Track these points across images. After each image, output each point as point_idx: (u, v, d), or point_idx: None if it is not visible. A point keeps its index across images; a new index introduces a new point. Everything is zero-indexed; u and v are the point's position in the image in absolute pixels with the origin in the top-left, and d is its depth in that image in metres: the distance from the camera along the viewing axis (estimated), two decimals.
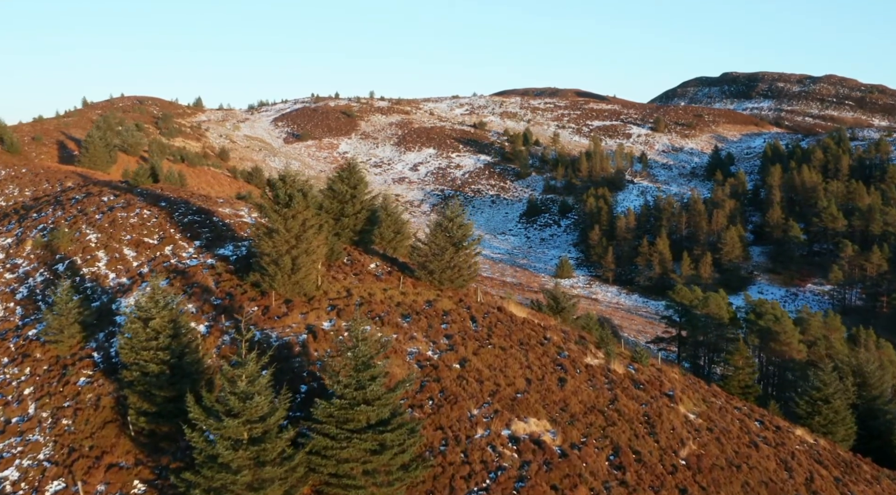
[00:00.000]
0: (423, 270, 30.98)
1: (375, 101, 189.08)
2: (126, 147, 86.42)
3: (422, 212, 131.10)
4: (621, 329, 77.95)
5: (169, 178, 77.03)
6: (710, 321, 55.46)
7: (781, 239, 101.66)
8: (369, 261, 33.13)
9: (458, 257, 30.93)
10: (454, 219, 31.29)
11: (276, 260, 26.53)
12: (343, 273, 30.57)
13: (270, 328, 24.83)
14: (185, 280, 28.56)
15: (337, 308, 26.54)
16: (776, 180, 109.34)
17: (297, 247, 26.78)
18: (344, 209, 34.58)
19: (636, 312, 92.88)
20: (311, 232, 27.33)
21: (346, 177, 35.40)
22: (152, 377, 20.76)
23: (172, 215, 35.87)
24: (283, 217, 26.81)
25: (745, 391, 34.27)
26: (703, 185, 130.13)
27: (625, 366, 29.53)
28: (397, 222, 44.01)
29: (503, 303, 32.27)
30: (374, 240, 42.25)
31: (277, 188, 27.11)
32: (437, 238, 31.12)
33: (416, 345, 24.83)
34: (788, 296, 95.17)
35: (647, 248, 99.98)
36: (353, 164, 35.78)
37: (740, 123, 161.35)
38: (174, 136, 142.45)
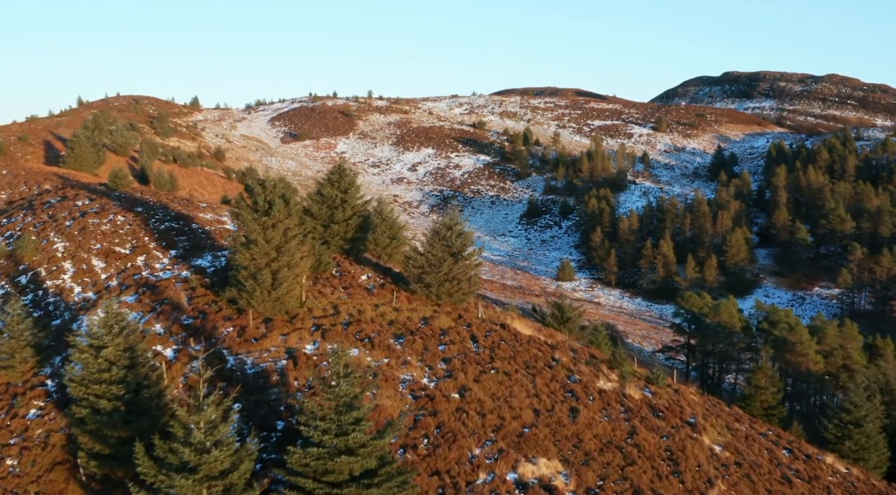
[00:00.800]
0: (418, 283, 28.09)
1: (374, 101, 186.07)
2: (116, 147, 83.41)
3: (420, 213, 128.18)
4: (626, 335, 75.15)
5: (158, 180, 74.14)
6: (721, 330, 52.64)
7: (788, 241, 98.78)
8: (360, 272, 30.22)
9: (457, 269, 28.03)
10: (452, 227, 28.39)
11: (254, 274, 23.63)
12: (331, 286, 27.66)
13: (246, 352, 21.92)
14: (154, 295, 25.63)
15: (322, 328, 23.62)
16: (782, 181, 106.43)
17: (277, 260, 23.88)
18: (334, 215, 31.69)
19: (640, 316, 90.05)
20: (294, 242, 24.42)
21: (335, 180, 32.50)
22: (104, 415, 17.87)
23: (148, 222, 32.95)
24: (262, 226, 23.90)
25: (769, 412, 31.44)
26: (707, 186, 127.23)
27: (641, 390, 26.66)
28: (393, 227, 41.12)
29: (507, 318, 29.37)
30: (368, 247, 39.44)
31: (256, 194, 24.19)
32: (433, 248, 28.23)
33: (411, 372, 21.93)
34: (795, 300, 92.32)
35: (650, 251, 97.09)
36: (344, 167, 32.87)
37: (743, 123, 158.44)
38: (169, 136, 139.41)
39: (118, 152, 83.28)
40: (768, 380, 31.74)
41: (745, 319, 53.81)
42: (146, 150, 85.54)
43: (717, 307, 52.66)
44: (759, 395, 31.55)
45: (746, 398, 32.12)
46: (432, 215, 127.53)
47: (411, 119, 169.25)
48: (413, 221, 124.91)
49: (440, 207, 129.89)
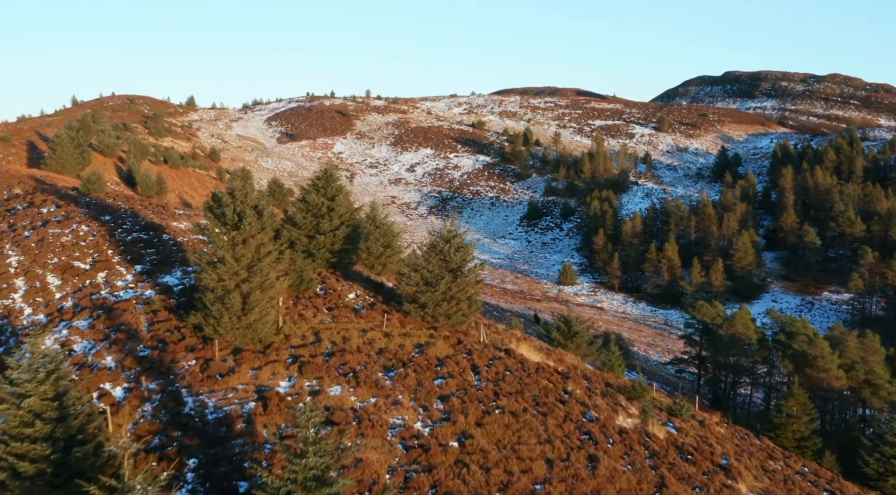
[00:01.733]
0: (412, 304, 24.72)
1: (372, 100, 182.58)
2: (103, 148, 79.93)
3: (418, 215, 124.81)
4: (631, 343, 71.86)
5: (145, 182, 70.75)
6: (736, 343, 49.34)
7: (796, 244, 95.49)
8: (348, 289, 26.86)
9: (456, 287, 24.68)
10: (451, 240, 25.04)
11: (221, 297, 20.27)
12: (313, 308, 24.28)
13: (209, 392, 18.54)
14: (110, 320, 22.26)
15: (300, 360, 20.25)
16: (789, 182, 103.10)
17: (248, 281, 20.52)
18: (319, 225, 28.34)
19: (644, 322, 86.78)
20: (269, 260, 21.07)
21: (321, 186, 29.16)
22: (26, 479, 14.53)
23: (114, 232, 29.58)
24: (230, 242, 20.54)
25: (802, 444, 28.16)
26: (710, 187, 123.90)
27: (664, 425, 23.34)
28: (387, 234, 37.81)
29: (512, 341, 26.02)
30: (361, 255, 36.14)
31: (224, 204, 20.82)
32: (430, 263, 24.88)
33: (402, 414, 18.58)
34: (804, 305, 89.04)
35: (654, 254, 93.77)
36: (331, 171, 29.52)
37: (746, 123, 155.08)
38: (163, 136, 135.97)
39: (105, 153, 79.83)
40: (801, 408, 28.44)
41: (760, 331, 50.49)
42: (134, 151, 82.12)
43: (733, 319, 49.31)
44: (791, 425, 28.28)
45: (777, 428, 28.83)
46: (430, 217, 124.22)
47: (409, 119, 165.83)
48: (411, 223, 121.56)
49: (439, 209, 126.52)
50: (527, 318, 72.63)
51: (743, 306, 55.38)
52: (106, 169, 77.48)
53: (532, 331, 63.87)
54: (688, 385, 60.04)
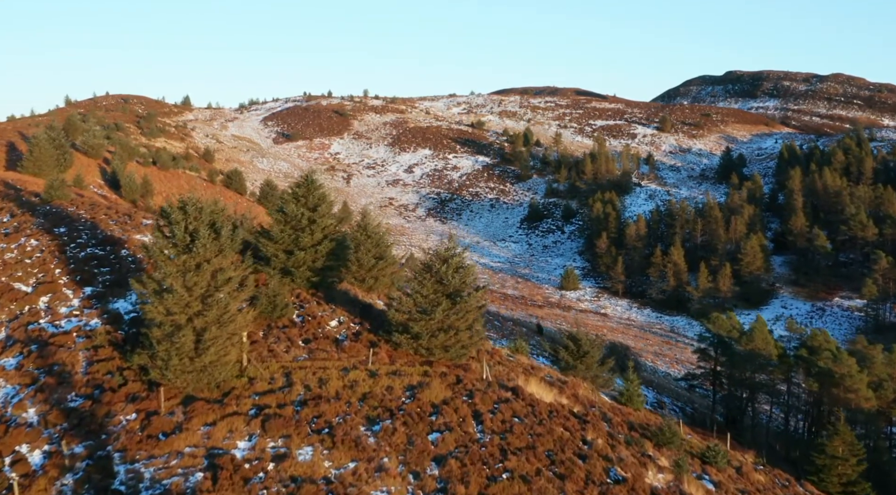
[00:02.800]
0: (403, 334, 20.97)
1: (369, 100, 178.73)
2: (87, 148, 76.08)
3: (417, 217, 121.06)
4: (638, 353, 68.23)
5: (129, 185, 67.02)
6: (755, 359, 45.64)
7: (805, 248, 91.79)
8: (330, 315, 23.09)
9: (455, 315, 20.94)
10: (449, 260, 21.30)
11: (170, 334, 16.56)
12: (287, 340, 20.53)
13: (147, 459, 14.78)
14: (42, 359, 18.50)
15: (264, 412, 16.50)
16: (797, 184, 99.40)
17: (203, 315, 16.79)
18: (299, 239, 24.61)
19: (650, 329, 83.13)
20: (229, 289, 17.33)
21: (301, 195, 25.42)
22: None
23: (66, 247, 25.83)
24: (181, 268, 16.80)
25: (848, 490, 24.52)
26: (715, 189, 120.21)
27: (699, 479, 19.63)
28: (380, 245, 34.05)
29: (520, 377, 22.28)
30: (351, 268, 32.39)
31: (173, 221, 17.07)
32: (424, 287, 21.14)
33: (387, 484, 14.83)
34: (815, 312, 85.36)
35: (660, 259, 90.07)
36: (312, 178, 25.77)
37: (750, 123, 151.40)
38: (156, 136, 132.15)
39: (89, 154, 76.03)
40: (847, 449, 24.79)
41: (781, 346, 46.75)
42: (120, 152, 78.30)
43: (751, 332, 45.56)
44: (837, 467, 24.64)
45: (820, 470, 25.17)
46: (429, 219, 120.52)
47: (408, 119, 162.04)
48: (409, 225, 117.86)
49: (437, 211, 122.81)
50: (529, 327, 68.96)
51: (759, 318, 51.58)
52: (89, 171, 73.68)
53: (535, 342, 60.22)
54: (699, 399, 56.41)
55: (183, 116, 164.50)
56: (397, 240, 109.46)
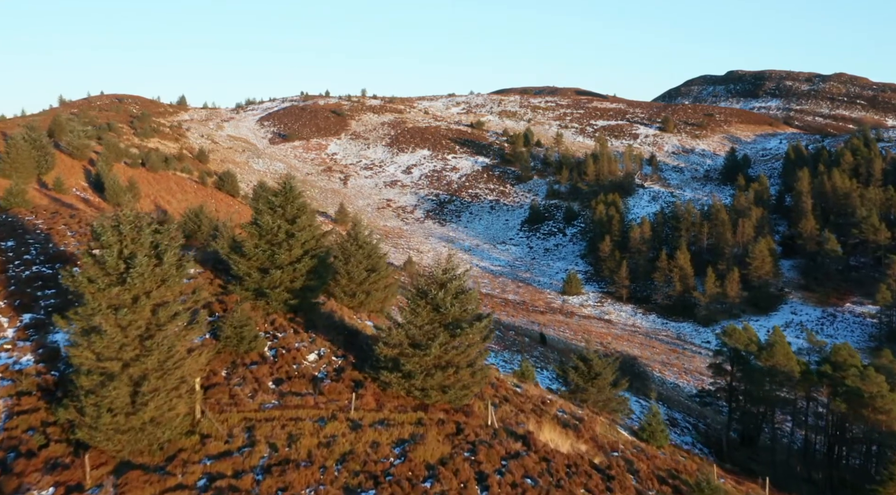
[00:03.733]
0: (394, 372, 17.55)
1: (367, 100, 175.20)
2: (71, 150, 72.65)
3: (415, 219, 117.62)
4: (646, 363, 64.90)
5: (113, 188, 63.56)
6: (776, 376, 42.27)
7: (815, 252, 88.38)
8: (309, 346, 19.66)
9: (455, 350, 17.54)
10: (447, 284, 17.89)
11: (100, 384, 13.16)
12: (254, 381, 17.11)
13: None
14: None
15: (217, 483, 13.09)
16: (805, 186, 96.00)
17: (141, 360, 13.38)
18: (275, 255, 21.21)
19: (656, 336, 79.78)
20: (176, 327, 13.93)
21: (279, 204, 22.00)
22: None
23: (11, 264, 22.41)
24: (113, 302, 13.39)
25: None
26: (720, 190, 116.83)
27: None
28: (371, 256, 30.73)
29: (531, 420, 18.86)
30: (340, 281, 29.06)
31: (106, 244, 13.65)
32: (417, 316, 17.72)
33: None
34: (826, 318, 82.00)
35: (665, 263, 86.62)
36: (291, 184, 22.34)
37: (753, 123, 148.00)
38: (149, 137, 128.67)
39: (74, 155, 72.57)
40: None
41: (804, 363, 43.31)
42: (107, 153, 74.85)
43: (771, 347, 42.14)
44: None
45: None
46: (428, 221, 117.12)
47: (406, 119, 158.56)
48: (407, 227, 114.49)
49: (436, 212, 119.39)
50: (531, 336, 65.59)
51: (777, 330, 48.08)
52: (73, 172, 70.27)
53: (538, 353, 56.86)
54: (711, 414, 53.05)
55: (178, 116, 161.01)
56: (395, 244, 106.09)
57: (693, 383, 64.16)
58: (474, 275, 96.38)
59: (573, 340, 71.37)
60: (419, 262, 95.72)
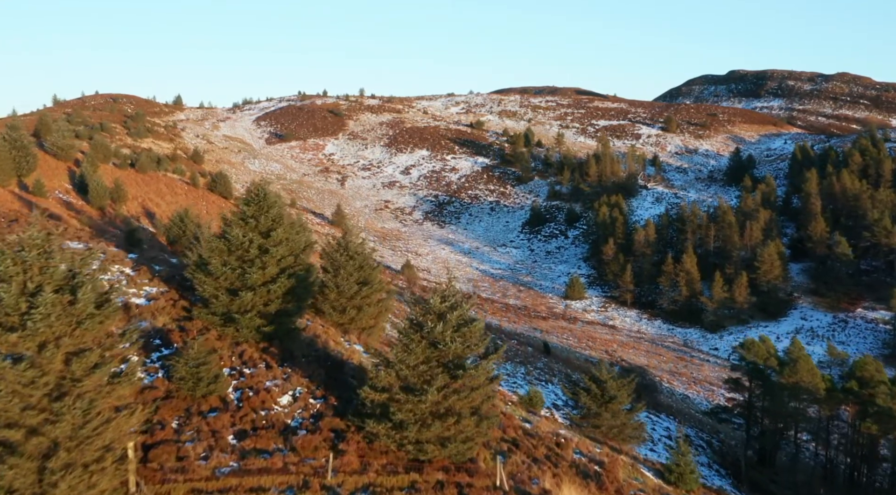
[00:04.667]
0: (382, 422, 14.38)
1: (365, 99, 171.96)
2: (56, 150, 69.38)
3: (413, 221, 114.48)
4: (653, 372, 61.80)
5: (96, 190, 60.30)
6: (799, 392, 39.18)
7: (825, 255, 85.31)
8: (282, 385, 16.49)
9: (457, 395, 14.38)
10: (447, 314, 14.71)
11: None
12: (210, 436, 13.93)
13: None
14: None
15: None
16: (814, 187, 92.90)
17: (52, 425, 10.20)
18: (245, 275, 18.04)
19: (662, 343, 76.70)
20: (96, 380, 10.76)
21: (251, 215, 18.82)
22: None
23: None
24: (13, 353, 10.23)
25: None
26: (724, 191, 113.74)
27: None
28: (363, 268, 27.54)
29: (546, 476, 15.68)
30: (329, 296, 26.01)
31: (5, 275, 10.47)
32: (411, 354, 14.54)
33: None
34: (837, 324, 78.90)
35: (671, 267, 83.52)
36: (265, 191, 19.16)
37: (757, 123, 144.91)
38: (143, 137, 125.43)
39: (58, 156, 69.31)
40: None
41: (829, 379, 40.18)
42: (93, 154, 71.64)
43: (795, 363, 38.97)
44: None
45: None
46: (426, 222, 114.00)
47: (404, 118, 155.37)
48: (405, 229, 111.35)
49: (435, 214, 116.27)
50: (534, 344, 62.43)
51: (796, 341, 44.93)
52: (57, 174, 66.98)
53: (543, 364, 53.68)
54: (725, 428, 49.94)
55: (173, 116, 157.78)
56: (393, 246, 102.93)
57: (703, 394, 61.09)
58: (474, 278, 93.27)
59: (577, 348, 68.28)
60: (417, 266, 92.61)
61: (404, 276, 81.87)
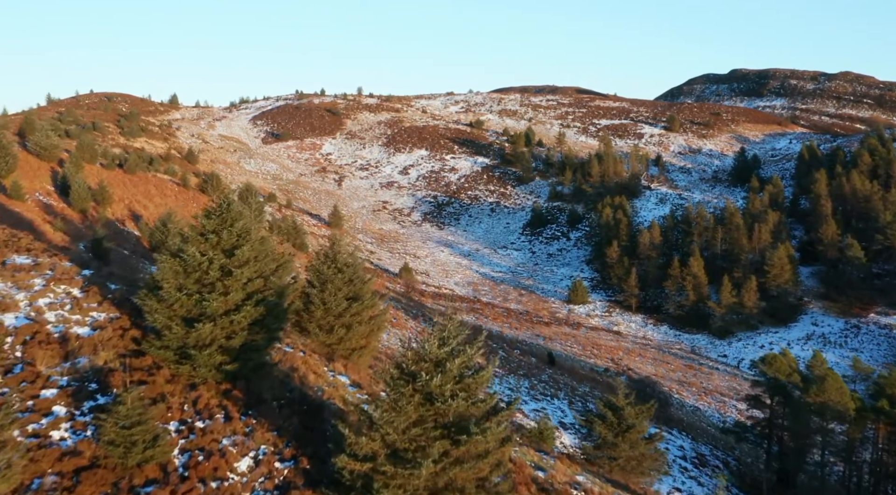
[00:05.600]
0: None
1: (363, 98, 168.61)
2: (39, 150, 66.11)
3: (412, 222, 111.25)
4: (662, 382, 58.65)
5: (78, 191, 56.99)
6: (826, 412, 36.02)
7: (836, 259, 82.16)
8: (242, 444, 13.23)
9: (461, 466, 11.18)
10: (447, 362, 11.48)
11: None
12: None
13: None
14: None
15: None
16: (823, 188, 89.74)
17: None
18: (204, 301, 14.81)
19: (669, 350, 73.54)
20: None
21: (212, 230, 15.58)
22: None
23: None
24: None
25: None
26: (730, 192, 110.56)
27: None
28: (354, 282, 24.38)
29: None
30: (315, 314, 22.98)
31: None
32: (401, 413, 11.30)
33: None
34: (849, 329, 75.76)
35: (678, 270, 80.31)
36: (228, 202, 15.92)
37: (762, 122, 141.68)
38: (136, 136, 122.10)
39: (41, 156, 66.03)
40: None
41: (859, 398, 37.01)
42: (78, 154, 68.36)
43: (823, 383, 35.75)
44: None
45: None
46: (425, 224, 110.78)
47: (403, 118, 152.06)
48: (403, 231, 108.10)
49: (434, 215, 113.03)
50: (537, 354, 59.16)
51: (818, 355, 41.70)
52: (39, 175, 63.66)
53: (547, 377, 50.47)
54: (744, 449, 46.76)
55: (169, 115, 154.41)
56: (391, 248, 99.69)
57: (714, 405, 57.95)
58: (474, 282, 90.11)
59: (582, 356, 65.09)
60: (416, 268, 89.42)
61: (402, 280, 78.65)
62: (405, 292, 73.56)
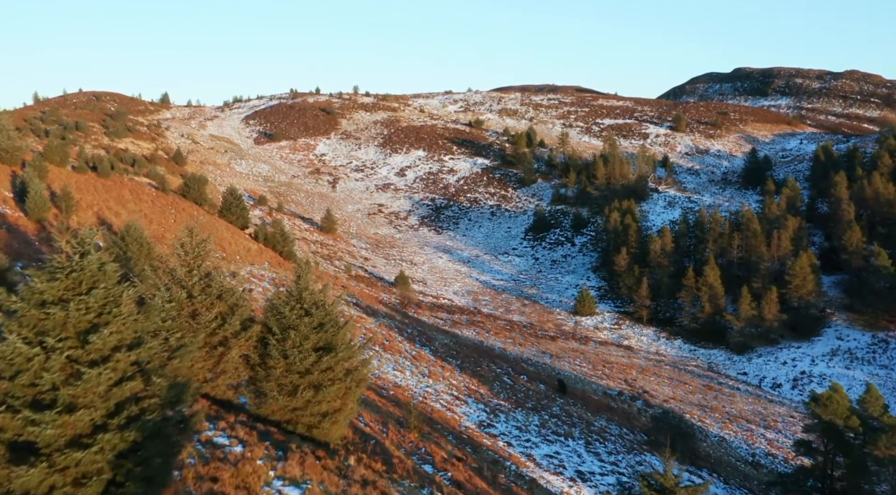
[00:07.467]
0: None
1: (359, 97, 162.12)
2: (0, 152, 59.75)
3: (409, 226, 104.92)
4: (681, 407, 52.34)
5: (35, 199, 50.52)
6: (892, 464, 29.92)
7: (861, 268, 75.91)
8: None
9: None
10: None
11: None
12: None
13: None
14: None
15: None
16: (844, 192, 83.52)
17: None
18: (34, 424, 8.41)
19: (685, 367, 67.25)
20: None
21: (52, 300, 9.16)
22: None
23: None
24: None
25: None
26: (741, 195, 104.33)
27: None
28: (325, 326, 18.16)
29: None
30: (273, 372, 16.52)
31: None
32: None
33: None
34: (877, 344, 69.52)
35: (692, 280, 74.05)
36: (85, 247, 9.57)
37: (770, 122, 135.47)
38: (122, 136, 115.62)
39: (3, 159, 59.54)
40: None
41: None
42: (40, 157, 61.78)
43: (889, 432, 29.46)
44: None
45: None
46: (423, 228, 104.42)
47: (400, 117, 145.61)
48: (400, 235, 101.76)
49: (432, 219, 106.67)
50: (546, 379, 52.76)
51: (872, 388, 35.39)
52: None
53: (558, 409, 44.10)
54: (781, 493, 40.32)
55: (159, 115, 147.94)
56: (387, 254, 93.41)
57: (741, 434, 51.54)
58: (474, 291, 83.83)
59: (593, 377, 58.71)
60: (413, 276, 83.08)
61: (398, 291, 72.33)
62: (401, 305, 67.25)
